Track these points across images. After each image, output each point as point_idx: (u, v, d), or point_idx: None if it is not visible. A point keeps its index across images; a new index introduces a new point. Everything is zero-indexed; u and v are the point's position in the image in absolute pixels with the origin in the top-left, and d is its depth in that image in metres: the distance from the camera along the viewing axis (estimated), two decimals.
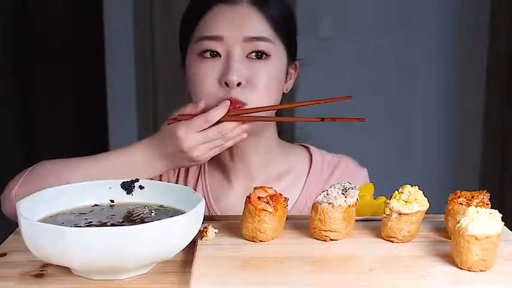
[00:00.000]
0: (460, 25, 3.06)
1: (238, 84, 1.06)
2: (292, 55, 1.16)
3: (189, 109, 1.05)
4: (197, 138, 1.02)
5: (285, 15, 1.14)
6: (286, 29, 1.13)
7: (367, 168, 1.25)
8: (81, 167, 1.06)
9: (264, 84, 1.08)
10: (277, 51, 1.11)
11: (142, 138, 1.09)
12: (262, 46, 1.08)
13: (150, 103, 3.10)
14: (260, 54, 1.08)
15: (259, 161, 1.19)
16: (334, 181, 1.12)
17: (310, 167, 1.22)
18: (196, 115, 1.03)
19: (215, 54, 1.08)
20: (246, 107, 1.07)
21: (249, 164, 1.18)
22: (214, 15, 1.09)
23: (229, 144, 1.06)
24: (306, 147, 1.26)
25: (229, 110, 1.04)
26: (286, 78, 1.16)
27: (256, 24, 1.09)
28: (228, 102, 1.04)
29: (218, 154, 1.19)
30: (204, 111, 1.04)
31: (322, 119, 1.05)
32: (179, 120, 1.04)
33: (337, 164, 1.23)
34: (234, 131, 1.04)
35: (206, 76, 1.08)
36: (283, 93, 1.16)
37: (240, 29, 1.08)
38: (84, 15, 3.04)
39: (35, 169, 1.08)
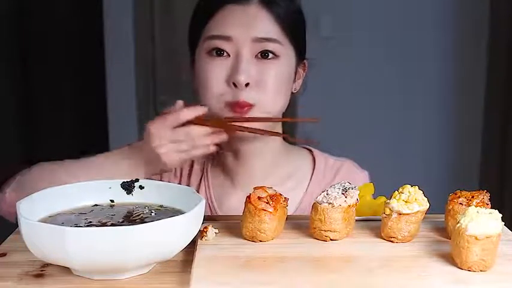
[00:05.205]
0: (460, 25, 3.06)
1: (247, 84, 1.06)
2: (301, 54, 1.16)
3: (173, 109, 1.05)
4: (166, 135, 1.02)
5: (295, 15, 1.14)
6: (295, 29, 1.13)
7: (367, 170, 1.25)
8: (71, 171, 1.06)
9: (272, 84, 1.08)
10: (285, 51, 1.10)
11: (142, 138, 1.09)
12: (271, 47, 1.08)
13: (150, 103, 3.11)
14: (268, 55, 1.08)
15: (263, 164, 1.18)
16: None
17: (314, 170, 1.22)
18: None
19: (224, 53, 1.08)
20: (255, 108, 1.07)
21: (252, 167, 1.18)
22: (224, 14, 1.09)
23: (196, 153, 1.05)
24: (310, 150, 1.25)
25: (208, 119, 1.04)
26: (295, 78, 1.16)
27: (266, 25, 1.09)
28: (205, 108, 1.05)
29: (222, 157, 1.19)
30: (210, 112, 1.05)
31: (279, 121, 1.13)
32: None
33: (339, 168, 1.23)
34: (202, 138, 1.03)
35: (214, 76, 1.08)
36: (292, 92, 1.16)
37: (249, 29, 1.08)
38: (84, 15, 3.03)
39: (28, 173, 1.08)
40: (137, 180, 0.90)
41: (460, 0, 3.06)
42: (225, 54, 1.08)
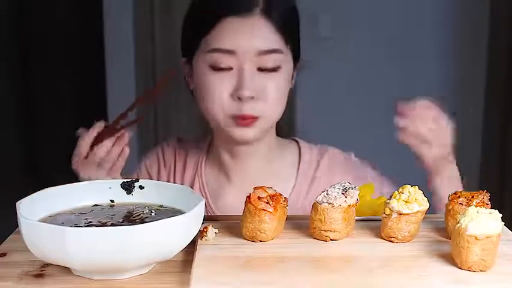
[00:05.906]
0: (460, 25, 3.06)
1: (251, 97, 1.06)
2: (296, 58, 1.16)
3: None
4: (82, 168, 1.11)
5: (292, 18, 1.13)
6: (293, 33, 1.13)
7: (353, 153, 1.27)
8: None
9: (275, 94, 1.09)
10: (286, 59, 1.11)
11: (142, 138, 1.10)
12: (273, 57, 1.08)
13: (150, 103, 3.10)
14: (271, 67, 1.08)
15: (259, 161, 1.19)
16: (322, 173, 1.14)
17: (300, 161, 1.22)
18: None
19: (226, 66, 1.07)
20: (259, 120, 1.08)
21: (248, 164, 1.19)
22: (226, 27, 1.07)
23: (117, 165, 1.11)
24: (297, 142, 1.26)
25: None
26: (292, 79, 1.16)
27: (267, 36, 1.08)
28: (101, 124, 1.18)
29: (217, 154, 1.20)
30: (218, 124, 1.10)
31: None
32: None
33: (323, 154, 1.23)
34: (110, 155, 1.10)
35: (218, 89, 1.08)
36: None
37: (251, 42, 1.07)
38: (84, 15, 3.03)
39: None
40: (137, 180, 0.90)
41: (460, 0, 3.06)
42: (227, 67, 1.08)
